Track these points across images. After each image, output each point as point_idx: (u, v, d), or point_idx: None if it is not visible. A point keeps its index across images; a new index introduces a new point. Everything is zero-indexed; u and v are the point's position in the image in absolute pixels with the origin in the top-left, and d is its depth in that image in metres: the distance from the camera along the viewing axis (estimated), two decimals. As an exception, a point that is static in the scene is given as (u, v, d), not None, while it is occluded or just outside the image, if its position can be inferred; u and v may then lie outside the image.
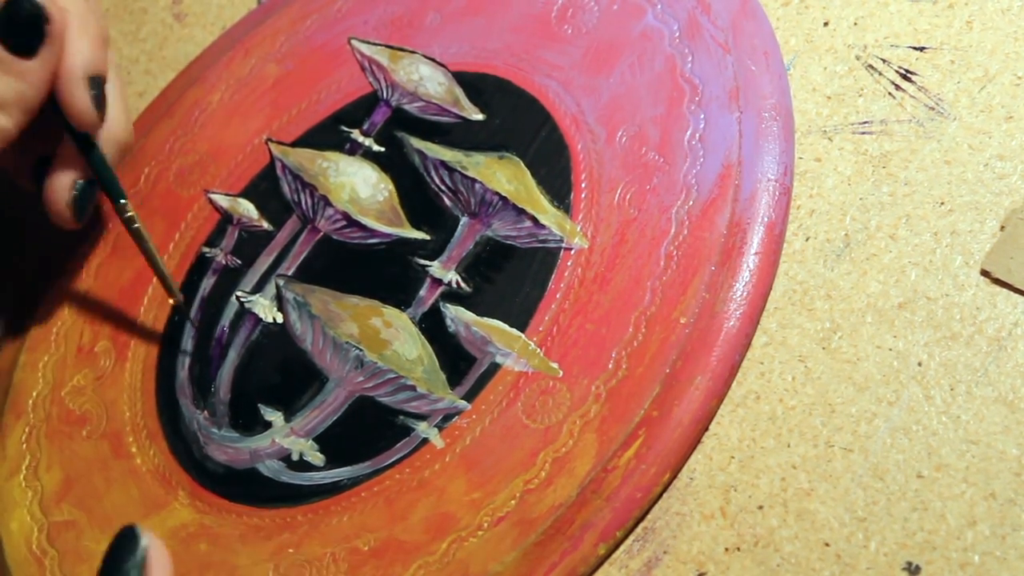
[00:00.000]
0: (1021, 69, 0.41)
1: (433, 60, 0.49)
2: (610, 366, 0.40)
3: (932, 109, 0.41)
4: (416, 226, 0.46)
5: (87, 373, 0.48)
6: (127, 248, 0.50)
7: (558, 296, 0.42)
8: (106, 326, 0.49)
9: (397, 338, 0.44)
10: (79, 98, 0.43)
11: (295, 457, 0.43)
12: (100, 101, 0.44)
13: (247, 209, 0.49)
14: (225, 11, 0.57)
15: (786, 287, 0.40)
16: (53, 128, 0.44)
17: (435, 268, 0.45)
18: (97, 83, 0.44)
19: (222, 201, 0.50)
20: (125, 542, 0.34)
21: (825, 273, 0.40)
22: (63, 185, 0.45)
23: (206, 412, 0.46)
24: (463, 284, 0.44)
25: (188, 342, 0.47)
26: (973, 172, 0.40)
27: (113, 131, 0.45)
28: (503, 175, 0.45)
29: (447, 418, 0.41)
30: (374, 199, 0.47)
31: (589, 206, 0.43)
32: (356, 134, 0.49)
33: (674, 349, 0.39)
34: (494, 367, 0.42)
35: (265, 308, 0.47)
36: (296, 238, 0.48)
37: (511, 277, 0.43)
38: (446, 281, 0.44)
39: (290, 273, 0.47)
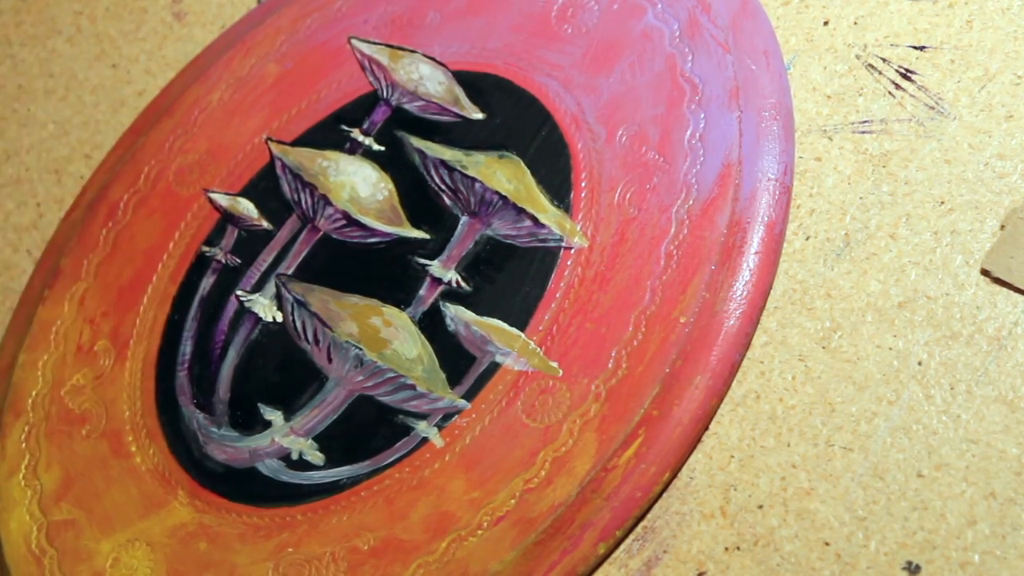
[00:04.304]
0: (1021, 68, 0.41)
1: (433, 59, 0.49)
2: (610, 365, 0.40)
3: (932, 108, 0.41)
4: (416, 225, 0.46)
5: (87, 372, 0.48)
6: (127, 248, 0.50)
7: (558, 295, 0.42)
8: (106, 325, 0.49)
9: (397, 337, 0.44)
10: None
11: (295, 456, 0.43)
12: None
13: (247, 208, 0.49)
14: (225, 10, 0.57)
15: (786, 286, 0.40)
16: None
17: (435, 267, 0.45)
18: None
19: (222, 200, 0.50)
20: None
21: (825, 272, 0.40)
22: None
23: (206, 411, 0.46)
24: (463, 283, 0.44)
25: (188, 342, 0.47)
26: (973, 171, 0.40)
27: None
28: (503, 174, 0.45)
29: (447, 417, 0.41)
30: (374, 198, 0.47)
31: (589, 205, 0.43)
32: (356, 133, 0.49)
33: (674, 348, 0.39)
34: (494, 366, 0.42)
35: (265, 307, 0.47)
36: (296, 237, 0.48)
37: (511, 276, 0.43)
38: (446, 280, 0.44)
39: (290, 272, 0.47)
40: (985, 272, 0.38)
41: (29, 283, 0.53)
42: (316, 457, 0.43)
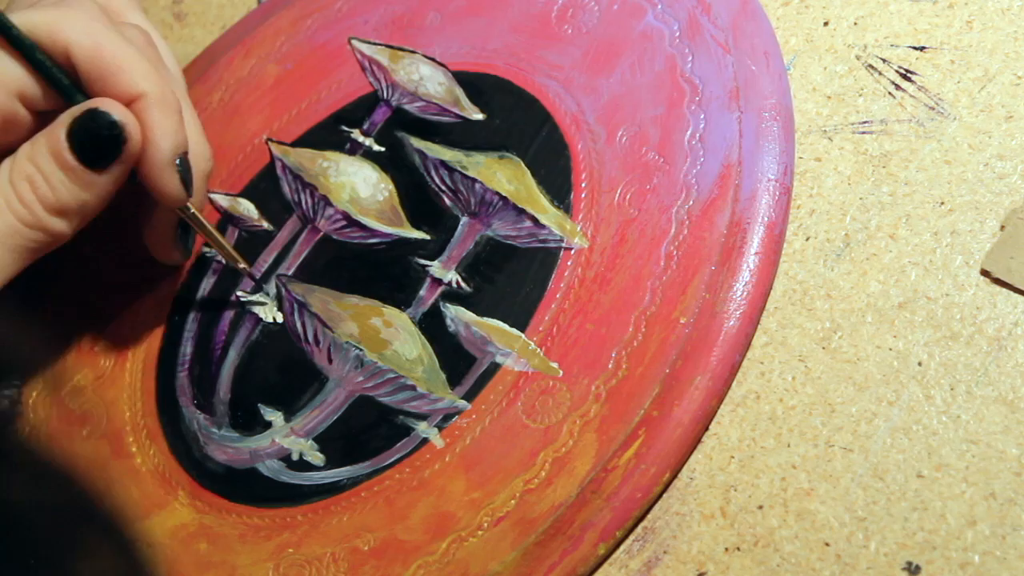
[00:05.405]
0: (1021, 69, 0.41)
1: (433, 60, 0.49)
2: (610, 366, 0.40)
3: (932, 109, 0.41)
4: (416, 226, 0.46)
5: (87, 373, 0.48)
6: (128, 247, 0.50)
7: (558, 296, 0.42)
8: (106, 326, 0.49)
9: (397, 338, 0.44)
10: (168, 182, 0.42)
11: (295, 457, 0.43)
12: (188, 177, 0.42)
13: (247, 209, 0.49)
14: (225, 11, 0.57)
15: (786, 287, 0.40)
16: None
17: (435, 268, 0.45)
18: (183, 160, 0.42)
19: (222, 201, 0.50)
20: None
21: (825, 273, 0.40)
22: (168, 237, 0.46)
23: (206, 412, 0.46)
24: (463, 284, 0.44)
25: (188, 342, 0.47)
26: (973, 172, 0.40)
27: (197, 163, 0.44)
28: (503, 175, 0.45)
29: (447, 418, 0.41)
30: (374, 199, 0.47)
31: (589, 206, 0.43)
32: (356, 134, 0.49)
33: (674, 349, 0.39)
34: (494, 367, 0.42)
35: (265, 308, 0.47)
36: (296, 238, 0.48)
37: (511, 277, 0.43)
38: (446, 281, 0.44)
39: (290, 273, 0.47)
40: (985, 272, 0.38)
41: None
42: (316, 458, 0.43)
